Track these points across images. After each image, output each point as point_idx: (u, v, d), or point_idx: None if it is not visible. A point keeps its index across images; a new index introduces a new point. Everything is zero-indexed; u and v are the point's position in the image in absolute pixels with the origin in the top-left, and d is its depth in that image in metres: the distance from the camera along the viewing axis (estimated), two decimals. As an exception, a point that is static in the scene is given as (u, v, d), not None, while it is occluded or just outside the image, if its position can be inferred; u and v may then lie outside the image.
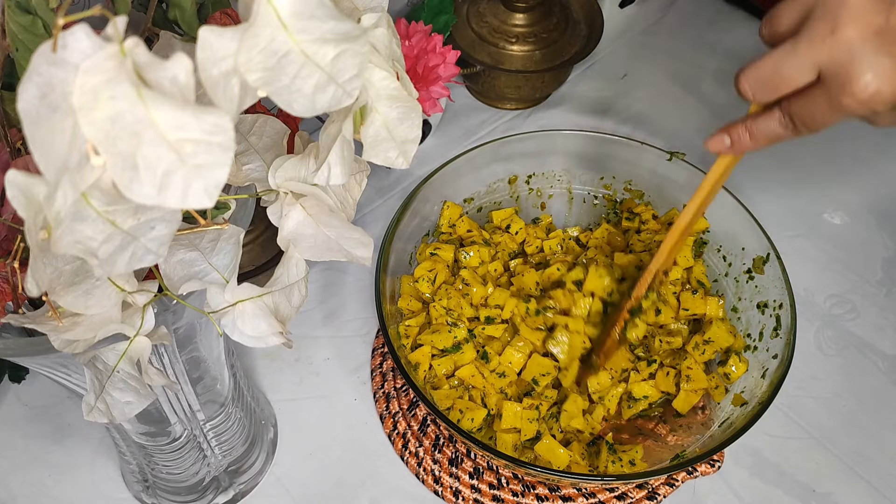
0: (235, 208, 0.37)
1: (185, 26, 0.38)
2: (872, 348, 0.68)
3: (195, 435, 0.52)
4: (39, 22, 0.32)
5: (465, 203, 0.67)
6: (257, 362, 0.66)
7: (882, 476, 0.61)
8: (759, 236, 0.60)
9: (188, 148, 0.22)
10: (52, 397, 0.64)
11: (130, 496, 0.59)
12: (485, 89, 0.84)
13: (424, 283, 0.61)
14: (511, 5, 0.81)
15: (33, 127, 0.21)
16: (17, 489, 0.59)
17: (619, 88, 0.88)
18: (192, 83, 0.22)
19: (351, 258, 0.36)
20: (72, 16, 0.22)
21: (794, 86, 0.42)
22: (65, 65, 0.21)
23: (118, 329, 0.33)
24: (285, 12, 0.23)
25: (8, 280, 0.34)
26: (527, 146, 0.66)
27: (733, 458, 0.62)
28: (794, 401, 0.65)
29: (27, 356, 0.36)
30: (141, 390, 0.35)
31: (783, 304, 0.57)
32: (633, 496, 0.59)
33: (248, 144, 0.36)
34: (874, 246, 0.75)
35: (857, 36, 0.39)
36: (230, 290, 0.34)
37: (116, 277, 0.32)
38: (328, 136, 0.31)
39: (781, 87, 0.43)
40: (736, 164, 0.50)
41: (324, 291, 0.71)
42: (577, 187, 0.69)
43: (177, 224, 0.26)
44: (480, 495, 0.59)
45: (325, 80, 0.25)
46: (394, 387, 0.65)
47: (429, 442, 0.62)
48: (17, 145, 0.35)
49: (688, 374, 0.58)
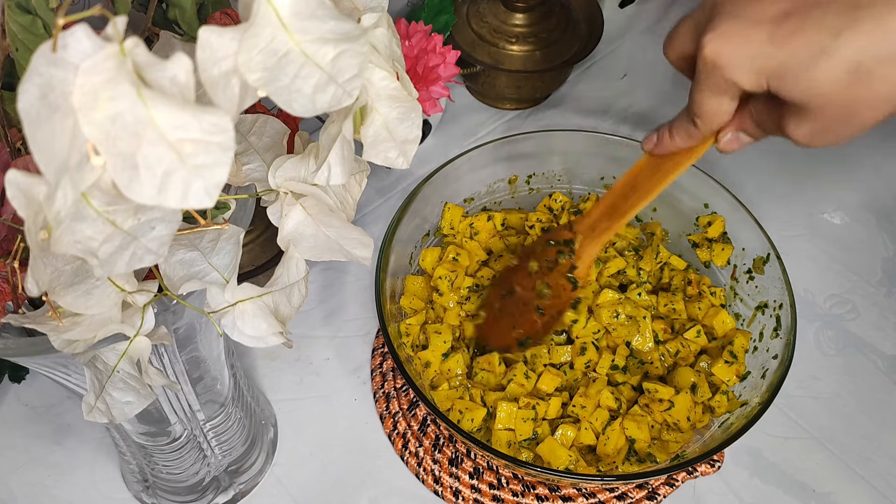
0: (235, 208, 0.37)
1: (185, 26, 0.38)
2: (872, 348, 0.68)
3: (195, 435, 0.52)
4: (39, 22, 0.32)
5: (465, 203, 0.67)
6: (257, 362, 0.66)
7: (882, 476, 0.61)
8: (759, 236, 0.60)
9: (188, 148, 0.22)
10: (52, 397, 0.64)
11: (130, 496, 0.59)
12: (485, 89, 0.84)
13: (445, 283, 0.61)
14: (511, 5, 0.81)
15: (33, 127, 0.21)
16: (17, 489, 0.59)
17: (619, 88, 0.88)
18: (192, 83, 0.22)
19: (351, 258, 0.36)
20: (72, 16, 0.22)
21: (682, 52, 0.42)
22: (65, 65, 0.21)
23: (118, 329, 0.33)
24: (285, 12, 0.23)
25: (8, 280, 0.34)
26: (527, 146, 0.66)
27: (733, 458, 0.62)
28: (794, 401, 0.65)
29: (27, 356, 0.36)
30: (141, 390, 0.35)
31: (783, 304, 0.57)
32: (633, 496, 0.59)
33: (248, 144, 0.36)
34: (874, 246, 0.75)
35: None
36: (230, 290, 0.34)
37: (116, 277, 0.32)
38: (328, 136, 0.31)
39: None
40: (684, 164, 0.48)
41: (324, 291, 0.71)
42: (577, 187, 0.69)
43: (177, 224, 0.26)
44: (480, 495, 0.59)
45: (325, 80, 0.25)
46: (394, 387, 0.65)
47: (429, 442, 0.62)
48: (17, 145, 0.35)
49: (676, 422, 0.57)
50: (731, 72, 0.38)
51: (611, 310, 0.59)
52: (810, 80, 0.36)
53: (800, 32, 0.35)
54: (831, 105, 0.36)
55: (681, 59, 0.43)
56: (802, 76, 0.36)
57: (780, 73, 0.36)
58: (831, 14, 0.35)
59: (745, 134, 0.43)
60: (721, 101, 0.40)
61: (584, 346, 0.59)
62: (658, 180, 0.50)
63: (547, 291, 0.58)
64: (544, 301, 0.58)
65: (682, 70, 0.44)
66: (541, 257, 0.58)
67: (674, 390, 0.56)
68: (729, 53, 0.37)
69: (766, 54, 0.36)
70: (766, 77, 0.37)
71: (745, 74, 0.37)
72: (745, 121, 0.42)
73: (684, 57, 0.42)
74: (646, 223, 0.68)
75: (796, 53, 0.36)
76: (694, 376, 0.57)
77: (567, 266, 0.57)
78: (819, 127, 0.38)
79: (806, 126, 0.38)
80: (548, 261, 0.58)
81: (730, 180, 0.73)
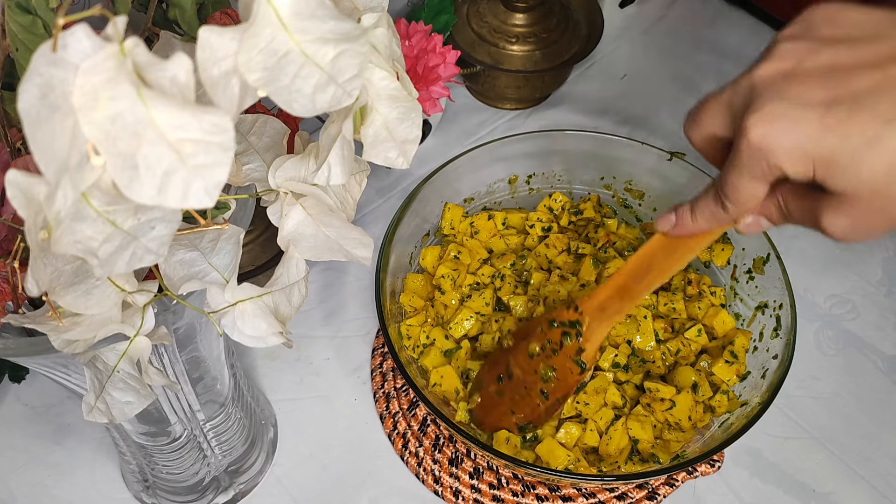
0: (235, 208, 0.37)
1: (185, 26, 0.38)
2: (872, 348, 0.68)
3: (195, 435, 0.52)
4: (39, 22, 0.32)
5: (465, 203, 0.67)
6: (257, 362, 0.66)
7: (882, 476, 0.61)
8: (759, 236, 0.60)
9: (188, 148, 0.22)
10: (52, 397, 0.64)
11: (130, 496, 0.59)
12: (485, 89, 0.84)
13: (448, 282, 0.61)
14: (511, 5, 0.81)
15: (33, 127, 0.21)
16: (17, 489, 0.59)
17: (619, 88, 0.88)
18: (192, 83, 0.22)
19: (351, 258, 0.36)
20: (72, 16, 0.22)
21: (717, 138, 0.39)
22: (65, 65, 0.21)
23: (118, 329, 0.33)
24: (285, 12, 0.23)
25: (8, 280, 0.34)
26: (527, 146, 0.66)
27: (733, 458, 0.62)
28: (794, 401, 0.65)
29: (27, 356, 0.36)
30: (141, 390, 0.35)
31: (783, 304, 0.57)
32: (633, 496, 0.59)
33: (248, 144, 0.36)
34: (874, 246, 0.75)
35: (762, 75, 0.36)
36: (230, 290, 0.34)
37: (116, 277, 0.32)
38: (328, 136, 0.31)
39: None
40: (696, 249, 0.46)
41: (324, 291, 0.71)
42: (577, 187, 0.69)
43: (177, 224, 0.26)
44: (480, 495, 0.59)
45: (325, 80, 0.25)
46: (394, 387, 0.65)
47: (429, 442, 0.62)
48: (17, 145, 0.35)
49: (677, 422, 0.57)
50: (777, 157, 0.35)
51: None
52: (861, 169, 0.33)
53: (852, 118, 0.33)
54: (878, 197, 0.34)
55: (708, 140, 0.40)
56: (853, 165, 0.33)
57: (829, 161, 0.34)
58: (885, 102, 0.33)
59: (767, 220, 0.41)
60: (759, 187, 0.37)
61: None
62: (673, 262, 0.47)
63: (551, 374, 0.54)
64: (549, 385, 0.54)
65: (703, 151, 0.41)
66: (543, 339, 0.55)
67: (675, 389, 0.56)
68: (776, 137, 0.34)
69: (816, 140, 0.34)
70: (813, 164, 0.34)
71: (792, 161, 0.35)
72: (769, 206, 0.40)
73: (712, 139, 0.40)
74: (646, 223, 0.68)
75: (849, 140, 0.33)
76: (695, 375, 0.57)
77: (574, 349, 0.53)
78: (860, 220, 0.35)
79: (845, 219, 0.36)
80: (551, 343, 0.54)
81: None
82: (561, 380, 0.54)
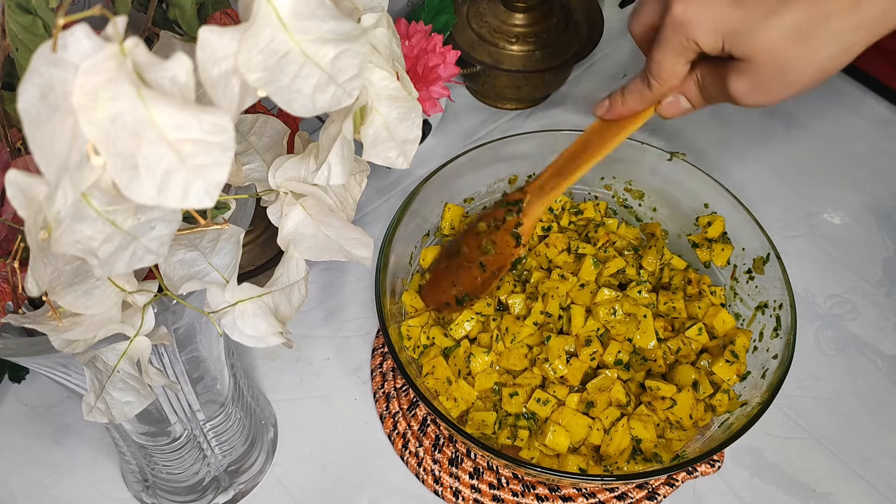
0: (235, 208, 0.37)
1: (185, 26, 0.38)
2: (872, 348, 0.68)
3: (195, 435, 0.52)
4: (39, 22, 0.32)
5: (465, 203, 0.67)
6: (257, 362, 0.66)
7: (882, 476, 0.61)
8: (759, 236, 0.60)
9: (188, 148, 0.22)
10: (52, 397, 0.64)
11: (130, 496, 0.59)
12: (485, 89, 0.84)
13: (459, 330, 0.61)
14: (511, 5, 0.81)
15: (33, 127, 0.21)
16: (17, 489, 0.59)
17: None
18: (192, 83, 0.22)
19: (351, 258, 0.36)
20: (72, 16, 0.22)
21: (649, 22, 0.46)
22: (65, 65, 0.21)
23: (118, 329, 0.33)
24: (285, 12, 0.23)
25: (8, 280, 0.34)
26: (527, 146, 0.66)
27: (733, 458, 0.62)
28: (794, 401, 0.65)
29: (27, 356, 0.36)
30: (141, 390, 0.35)
31: (783, 304, 0.57)
32: (633, 496, 0.59)
33: (248, 144, 0.36)
34: (874, 246, 0.75)
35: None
36: (230, 290, 0.34)
37: (116, 277, 0.32)
38: (328, 136, 0.31)
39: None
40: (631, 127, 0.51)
41: (324, 291, 0.71)
42: (577, 187, 0.69)
43: (177, 224, 0.26)
44: (480, 495, 0.59)
45: (325, 80, 0.25)
46: (394, 387, 0.65)
47: (429, 442, 0.62)
48: (17, 145, 0.35)
49: (678, 420, 0.57)
50: (694, 31, 0.42)
51: (608, 307, 0.59)
52: (759, 37, 0.40)
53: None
54: (772, 61, 0.41)
55: (646, 30, 0.46)
56: (753, 34, 0.41)
57: (735, 32, 0.41)
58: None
59: (686, 99, 0.47)
60: (679, 61, 0.44)
61: (589, 339, 0.58)
62: (605, 143, 0.53)
63: (491, 248, 0.59)
64: (487, 257, 0.59)
65: (641, 44, 0.48)
66: (490, 218, 0.60)
67: (675, 388, 0.56)
68: (694, 13, 0.42)
69: (725, 15, 0.41)
70: (722, 36, 0.42)
71: (707, 34, 0.42)
72: (688, 85, 0.46)
73: (649, 28, 0.46)
74: (646, 223, 0.68)
75: (750, 14, 0.40)
76: (695, 374, 0.57)
77: (513, 223, 0.59)
78: (756, 83, 0.42)
79: (747, 81, 0.43)
80: (496, 220, 0.59)
81: (730, 180, 0.73)
82: (499, 253, 0.59)
